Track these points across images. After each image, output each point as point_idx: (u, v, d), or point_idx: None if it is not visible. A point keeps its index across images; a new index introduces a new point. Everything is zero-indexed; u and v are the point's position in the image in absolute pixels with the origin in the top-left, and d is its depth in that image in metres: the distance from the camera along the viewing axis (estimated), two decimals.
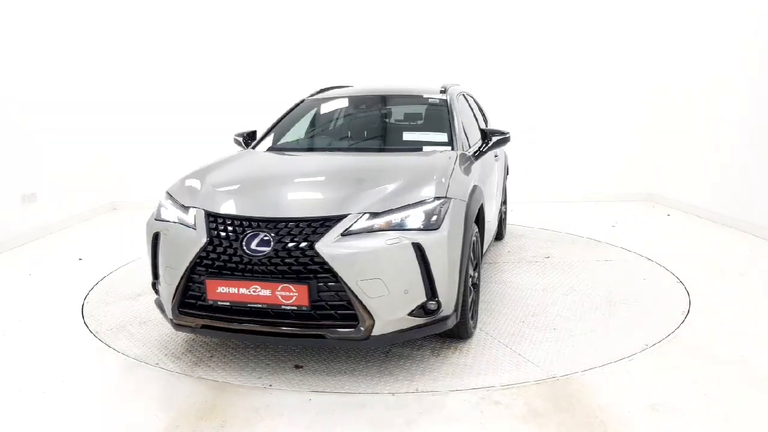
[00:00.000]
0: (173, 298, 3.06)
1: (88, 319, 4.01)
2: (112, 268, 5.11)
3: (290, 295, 2.82)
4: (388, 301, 2.84)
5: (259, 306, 2.88)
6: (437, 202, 3.00)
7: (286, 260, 2.83)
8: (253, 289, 2.86)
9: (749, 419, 2.68)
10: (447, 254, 2.95)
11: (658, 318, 3.84)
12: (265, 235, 2.89)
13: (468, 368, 3.17)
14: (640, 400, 2.83)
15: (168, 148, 7.87)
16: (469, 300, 3.38)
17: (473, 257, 3.50)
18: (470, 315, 3.43)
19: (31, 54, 6.42)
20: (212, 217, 3.04)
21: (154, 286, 3.33)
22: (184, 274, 2.99)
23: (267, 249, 2.86)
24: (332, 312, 2.85)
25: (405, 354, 3.34)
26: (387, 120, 4.60)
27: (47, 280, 4.94)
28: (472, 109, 4.93)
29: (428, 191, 3.05)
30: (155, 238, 3.22)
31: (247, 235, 2.91)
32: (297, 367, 3.23)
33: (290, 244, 2.85)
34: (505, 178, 5.69)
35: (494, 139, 4.04)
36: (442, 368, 3.17)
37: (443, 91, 4.45)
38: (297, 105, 4.74)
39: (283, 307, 2.85)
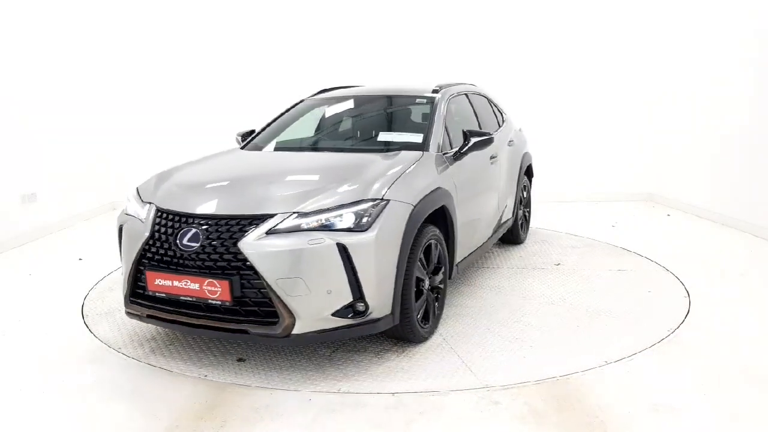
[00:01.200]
0: (125, 288, 3.27)
1: (88, 319, 4.01)
2: (112, 268, 5.11)
3: (215, 290, 2.93)
4: (310, 300, 2.88)
5: (191, 299, 3.01)
6: (368, 204, 3.01)
7: (212, 256, 2.95)
8: (184, 282, 2.99)
9: (749, 419, 2.68)
10: (375, 256, 2.94)
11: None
12: (196, 231, 3.01)
13: (403, 372, 3.15)
14: (640, 400, 2.83)
15: (168, 148, 7.85)
16: (419, 304, 3.34)
17: (426, 261, 3.42)
18: (421, 319, 3.39)
19: (31, 54, 6.42)
20: (159, 213, 3.23)
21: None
22: (132, 265, 3.18)
23: (196, 245, 2.98)
24: (255, 308, 2.94)
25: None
26: (369, 120, 4.62)
27: (47, 280, 4.94)
28: (474, 110, 4.81)
29: (363, 192, 3.06)
30: (120, 231, 3.45)
31: (181, 231, 3.05)
32: (240, 360, 3.32)
33: (215, 241, 2.95)
34: (519, 180, 5.44)
35: (472, 140, 3.94)
36: (377, 369, 3.17)
37: (436, 91, 4.38)
38: (293, 106, 4.85)
39: (209, 301, 2.96)
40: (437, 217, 3.60)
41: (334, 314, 2.93)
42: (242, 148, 4.44)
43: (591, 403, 2.81)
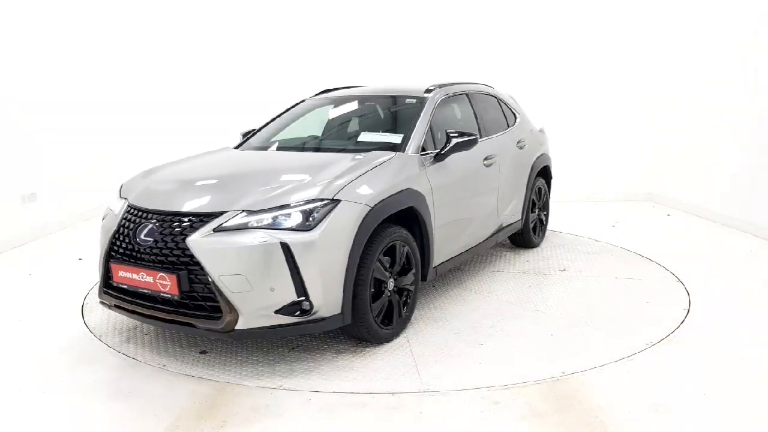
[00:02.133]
0: (100, 278, 3.42)
1: (88, 319, 4.01)
2: None
3: (166, 284, 3.05)
4: (252, 297, 2.92)
5: (147, 291, 3.14)
6: (316, 204, 3.05)
7: (164, 251, 3.06)
8: (141, 275, 3.13)
9: (749, 419, 2.68)
10: (319, 256, 2.97)
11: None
12: (152, 227, 3.15)
13: (354, 372, 3.16)
14: (640, 400, 2.83)
15: (168, 148, 7.85)
16: (377, 305, 3.34)
17: (385, 262, 3.38)
18: (381, 320, 3.39)
19: (32, 54, 6.42)
20: (128, 208, 3.41)
21: None
22: (103, 257, 3.37)
23: (151, 240, 3.12)
24: (202, 303, 3.02)
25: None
26: (357, 121, 4.63)
27: (47, 280, 4.94)
28: (475, 111, 4.71)
29: (312, 192, 3.11)
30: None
31: (140, 226, 3.20)
32: (202, 352, 3.41)
33: (167, 237, 3.07)
34: (530, 182, 5.27)
35: (453, 141, 3.88)
36: (326, 367, 3.21)
37: (429, 91, 4.35)
38: (292, 107, 4.92)
39: (161, 294, 3.08)
40: (410, 218, 3.62)
41: (277, 312, 2.97)
42: (236, 147, 4.52)
43: (591, 403, 2.81)
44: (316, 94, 5.02)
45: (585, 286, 4.47)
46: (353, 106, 4.80)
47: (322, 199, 3.07)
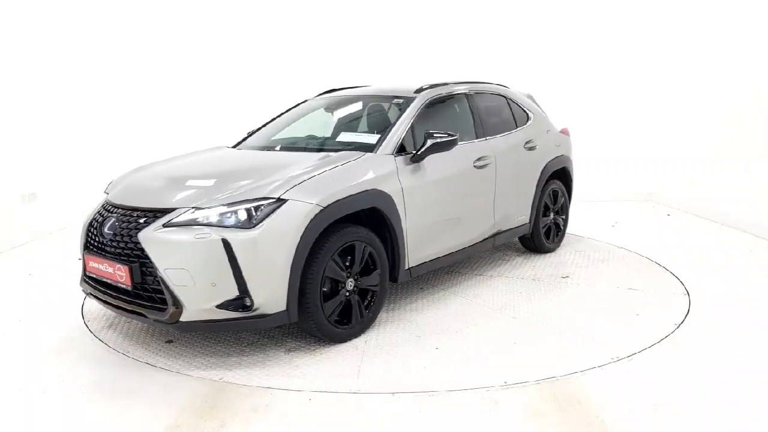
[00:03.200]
0: (81, 268, 3.61)
1: (88, 319, 4.01)
2: None
3: (121, 275, 3.20)
4: (194, 291, 3.02)
5: (110, 281, 3.30)
6: (261, 203, 3.11)
7: (120, 244, 3.24)
8: (105, 266, 3.30)
9: (749, 419, 2.68)
10: (260, 254, 3.02)
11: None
12: (114, 221, 3.34)
13: (295, 368, 3.21)
14: (640, 400, 2.83)
15: (169, 148, 7.86)
16: (331, 304, 3.36)
17: (341, 262, 3.39)
18: (333, 318, 3.39)
19: (32, 54, 6.42)
20: (104, 203, 3.60)
21: None
22: (82, 248, 3.56)
23: (111, 233, 3.30)
24: (152, 295, 3.15)
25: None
26: (343, 121, 4.65)
27: (47, 280, 4.94)
28: (473, 111, 4.62)
29: (259, 191, 3.17)
30: None
31: (105, 219, 3.41)
32: (168, 341, 3.55)
33: (124, 230, 3.25)
34: (540, 184, 5.11)
35: (428, 143, 3.83)
36: (261, 363, 3.26)
37: (419, 91, 4.32)
38: (293, 107, 4.98)
39: (119, 284, 3.24)
40: (379, 219, 3.63)
41: (219, 306, 3.04)
42: (234, 146, 4.60)
43: (591, 403, 2.81)
44: (319, 94, 5.05)
45: (579, 294, 4.42)
46: (347, 106, 4.80)
47: (266, 198, 3.13)
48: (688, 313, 3.92)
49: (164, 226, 3.10)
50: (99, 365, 3.34)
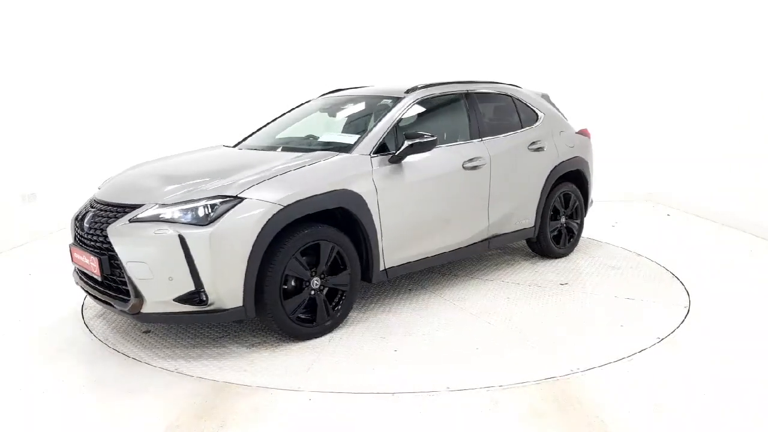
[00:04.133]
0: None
1: (88, 319, 4.01)
2: None
3: (94, 267, 3.36)
4: (154, 284, 3.17)
5: (87, 272, 3.50)
6: (217, 201, 3.21)
7: (93, 237, 3.42)
8: (83, 257, 3.48)
9: (749, 419, 2.68)
10: (215, 250, 3.11)
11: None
12: (92, 215, 3.52)
13: (250, 364, 3.26)
14: (641, 400, 2.83)
15: (169, 148, 7.86)
16: (292, 301, 3.41)
17: (304, 261, 3.43)
18: (295, 316, 3.44)
19: (32, 54, 6.42)
20: (92, 199, 3.75)
21: None
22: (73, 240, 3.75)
23: (88, 226, 3.48)
24: (119, 286, 3.32)
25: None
26: (330, 121, 4.66)
27: (47, 280, 4.94)
28: (469, 112, 4.52)
29: (219, 190, 3.27)
30: None
31: (86, 213, 3.60)
32: (145, 332, 3.71)
33: (96, 224, 3.42)
34: (547, 187, 4.91)
35: (405, 144, 3.81)
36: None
37: (409, 91, 4.29)
38: (292, 109, 5.03)
39: (93, 274, 3.42)
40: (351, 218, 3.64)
41: (177, 300, 3.17)
42: (234, 145, 4.65)
43: (591, 403, 2.81)
44: (323, 94, 5.07)
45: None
46: (344, 107, 4.80)
47: (224, 196, 3.22)
48: (688, 313, 3.92)
49: (130, 221, 3.25)
50: (99, 365, 3.35)
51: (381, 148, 3.88)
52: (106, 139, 7.81)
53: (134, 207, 3.32)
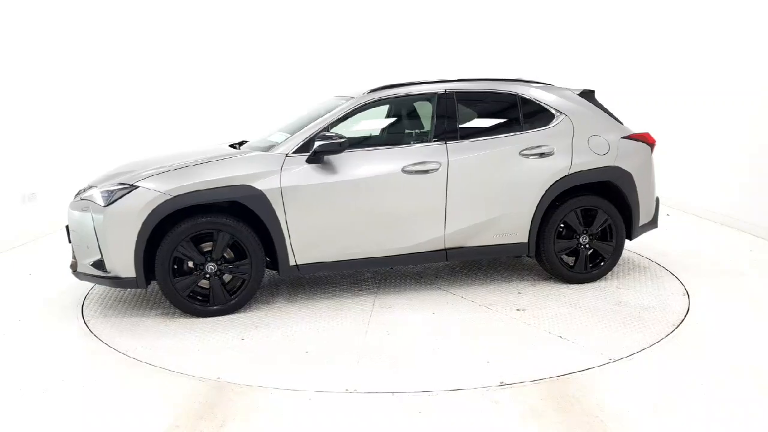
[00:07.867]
0: None
1: (88, 319, 4.01)
2: None
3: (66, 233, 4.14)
4: (79, 249, 3.96)
5: None
6: (117, 187, 3.84)
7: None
8: None
9: (749, 419, 2.68)
10: (107, 229, 3.77)
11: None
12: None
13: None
14: (640, 400, 2.83)
15: (169, 148, 7.88)
16: (184, 281, 3.87)
17: (195, 246, 3.85)
18: (186, 293, 3.88)
19: (32, 54, 6.42)
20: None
21: None
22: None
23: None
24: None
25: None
26: (307, 121, 4.62)
27: (47, 280, 4.94)
28: (437, 114, 4.27)
29: (126, 178, 3.91)
30: None
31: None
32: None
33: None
34: (546, 200, 4.29)
35: (315, 145, 3.91)
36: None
37: (372, 92, 4.27)
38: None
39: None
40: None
41: (92, 265, 3.88)
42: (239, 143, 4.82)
43: (591, 402, 2.81)
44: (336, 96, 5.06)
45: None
46: (323, 107, 4.57)
47: (123, 184, 3.84)
48: (687, 313, 3.92)
49: (81, 198, 3.97)
50: (99, 365, 3.35)
51: (304, 148, 4.02)
52: (106, 139, 7.82)
53: (88, 189, 4.05)
